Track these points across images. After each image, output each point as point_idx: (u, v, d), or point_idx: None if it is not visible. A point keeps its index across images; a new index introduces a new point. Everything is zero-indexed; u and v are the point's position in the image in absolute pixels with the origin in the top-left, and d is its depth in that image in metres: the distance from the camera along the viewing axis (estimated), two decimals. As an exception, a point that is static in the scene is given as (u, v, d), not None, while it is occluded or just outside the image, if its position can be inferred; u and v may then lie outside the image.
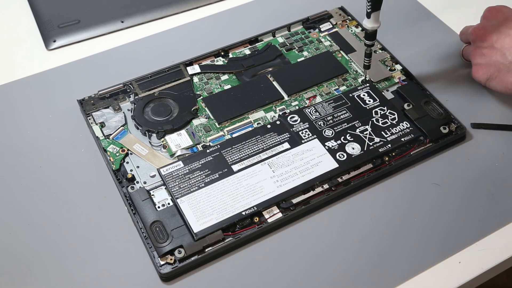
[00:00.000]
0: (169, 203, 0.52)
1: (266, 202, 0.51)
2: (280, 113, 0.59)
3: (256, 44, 0.66)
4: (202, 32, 0.69)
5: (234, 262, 0.49)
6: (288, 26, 0.68)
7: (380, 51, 0.65)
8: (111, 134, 0.57)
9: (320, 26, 0.68)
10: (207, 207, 0.51)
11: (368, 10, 0.53)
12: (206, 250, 0.49)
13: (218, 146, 0.55)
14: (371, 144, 0.55)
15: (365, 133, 0.56)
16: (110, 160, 0.55)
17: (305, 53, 0.65)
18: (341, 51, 0.65)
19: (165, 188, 0.53)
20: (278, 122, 0.57)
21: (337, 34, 0.67)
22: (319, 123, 0.57)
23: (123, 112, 0.59)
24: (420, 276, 0.48)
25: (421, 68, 0.63)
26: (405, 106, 0.58)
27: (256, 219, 0.50)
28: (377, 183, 0.54)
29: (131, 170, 0.54)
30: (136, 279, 0.48)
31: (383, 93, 0.60)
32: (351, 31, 0.67)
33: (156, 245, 0.48)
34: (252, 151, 0.55)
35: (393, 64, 0.63)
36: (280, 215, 0.51)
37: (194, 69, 0.63)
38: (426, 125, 0.56)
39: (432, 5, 0.71)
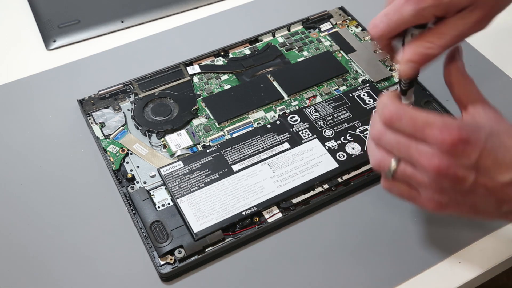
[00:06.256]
0: (169, 203, 0.52)
1: (266, 202, 0.51)
2: (280, 113, 0.59)
3: (256, 44, 0.66)
4: (202, 32, 0.69)
5: (234, 262, 0.49)
6: (288, 26, 0.68)
7: (380, 51, 0.65)
8: (111, 134, 0.57)
9: (320, 26, 0.68)
10: (207, 207, 0.51)
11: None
12: (206, 250, 0.49)
13: (218, 146, 0.55)
14: (371, 144, 0.55)
15: (365, 133, 0.56)
16: (110, 160, 0.55)
17: (305, 53, 0.65)
18: (341, 51, 0.65)
19: (165, 188, 0.53)
20: (278, 122, 0.57)
21: (337, 34, 0.67)
22: (319, 123, 0.57)
23: (123, 112, 0.59)
24: (420, 276, 0.48)
25: (421, 68, 0.63)
26: (405, 106, 0.58)
27: (256, 219, 0.50)
28: (377, 183, 0.54)
29: (131, 170, 0.54)
30: (136, 279, 0.48)
31: (383, 93, 0.60)
32: (351, 31, 0.67)
33: (156, 245, 0.48)
34: (252, 151, 0.55)
35: (393, 64, 0.63)
36: (280, 215, 0.51)
37: (194, 69, 0.63)
38: (426, 125, 0.56)
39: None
